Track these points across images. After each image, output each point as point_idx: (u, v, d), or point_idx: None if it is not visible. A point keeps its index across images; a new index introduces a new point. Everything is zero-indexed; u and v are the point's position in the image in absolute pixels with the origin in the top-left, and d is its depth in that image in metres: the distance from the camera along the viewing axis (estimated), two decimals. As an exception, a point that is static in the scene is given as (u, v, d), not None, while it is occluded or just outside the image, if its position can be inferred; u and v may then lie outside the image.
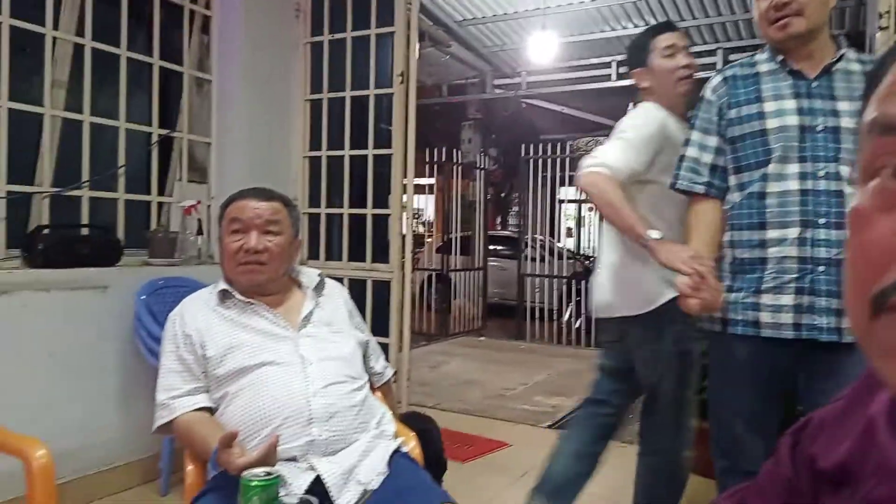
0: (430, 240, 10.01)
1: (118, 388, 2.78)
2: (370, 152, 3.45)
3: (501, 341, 7.28)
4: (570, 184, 8.29)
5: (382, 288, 3.39)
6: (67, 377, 2.57)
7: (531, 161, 7.71)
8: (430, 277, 8.63)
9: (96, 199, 2.91)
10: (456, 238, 8.20)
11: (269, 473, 1.17)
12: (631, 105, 2.25)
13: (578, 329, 7.15)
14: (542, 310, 7.39)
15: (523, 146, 7.89)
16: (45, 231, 2.60)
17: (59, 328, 2.56)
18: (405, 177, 3.31)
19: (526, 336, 7.38)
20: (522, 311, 7.53)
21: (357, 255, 3.51)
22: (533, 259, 7.91)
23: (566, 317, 7.42)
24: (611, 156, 1.91)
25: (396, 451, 1.64)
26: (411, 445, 1.72)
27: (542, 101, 8.98)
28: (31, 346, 2.46)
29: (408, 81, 3.27)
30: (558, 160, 7.55)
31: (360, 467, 1.54)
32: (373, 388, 1.78)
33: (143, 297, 2.77)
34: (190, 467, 1.56)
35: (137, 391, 2.83)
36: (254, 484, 1.14)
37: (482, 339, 7.46)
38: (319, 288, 1.78)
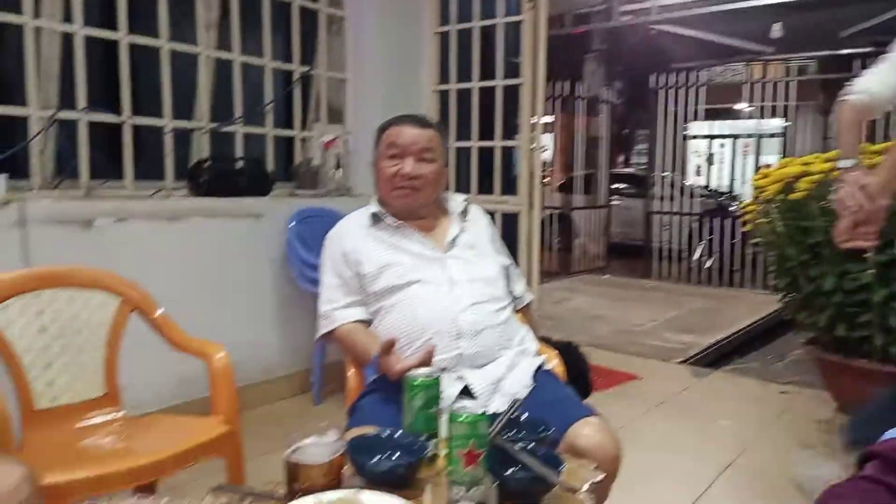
0: (546, 180, 9.87)
1: (274, 308, 3.04)
2: (499, 83, 3.43)
3: (626, 279, 7.14)
4: (703, 117, 7.80)
5: (511, 221, 3.42)
6: (230, 297, 2.84)
7: (660, 92, 7.31)
8: (550, 217, 8.56)
9: (247, 134, 3.12)
10: (578, 177, 8.02)
11: (430, 375, 1.25)
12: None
13: (710, 269, 6.85)
14: (669, 249, 7.13)
15: (652, 77, 7.48)
16: (207, 164, 2.83)
17: (222, 252, 2.81)
18: (534, 107, 3.26)
19: (652, 275, 7.18)
20: (649, 250, 7.31)
21: (485, 187, 3.54)
22: (661, 198, 7.60)
23: (696, 256, 7.12)
24: (872, 79, 1.80)
25: (540, 368, 1.69)
26: (554, 363, 1.77)
27: (674, 26, 8.41)
28: (199, 268, 2.73)
29: (537, 6, 3.19)
30: (689, 90, 7.10)
31: (507, 379, 1.61)
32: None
33: (293, 224, 2.97)
34: (351, 372, 1.69)
35: (290, 311, 3.08)
36: (417, 382, 1.22)
37: (605, 277, 7.35)
38: (464, 213, 1.83)
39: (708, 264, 6.90)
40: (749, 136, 9.18)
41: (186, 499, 1.02)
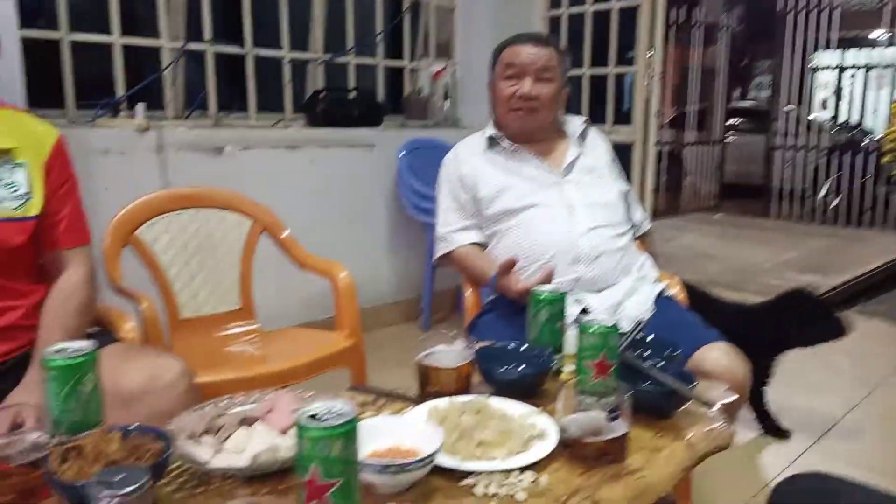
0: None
1: (385, 235, 3.12)
2: (615, 5, 3.25)
3: (741, 219, 6.76)
4: (835, 46, 7.10)
5: (623, 153, 3.29)
6: (344, 223, 2.94)
7: (788, 17, 6.69)
8: (659, 153, 8.16)
9: (358, 64, 3.15)
10: (690, 111, 7.57)
11: (555, 290, 1.24)
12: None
13: (836, 208, 6.36)
14: (791, 188, 6.66)
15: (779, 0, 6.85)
16: (322, 94, 2.89)
17: (336, 180, 2.90)
18: (653, 31, 3.07)
19: (770, 214, 6.76)
20: (768, 188, 6.86)
21: (597, 117, 3.41)
22: (784, 133, 7.06)
23: (822, 194, 6.61)
24: None
25: (661, 295, 1.65)
26: (675, 290, 1.72)
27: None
28: (316, 195, 2.84)
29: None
30: (821, 14, 6.45)
31: (627, 304, 1.58)
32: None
33: (403, 154, 3.01)
34: (468, 293, 1.72)
35: (400, 239, 3.16)
36: (543, 297, 1.22)
37: (718, 216, 7.00)
38: (583, 136, 1.78)
39: (834, 203, 6.41)
40: (887, 66, 8.29)
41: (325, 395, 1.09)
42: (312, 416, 0.69)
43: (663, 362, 1.14)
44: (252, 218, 1.96)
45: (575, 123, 1.79)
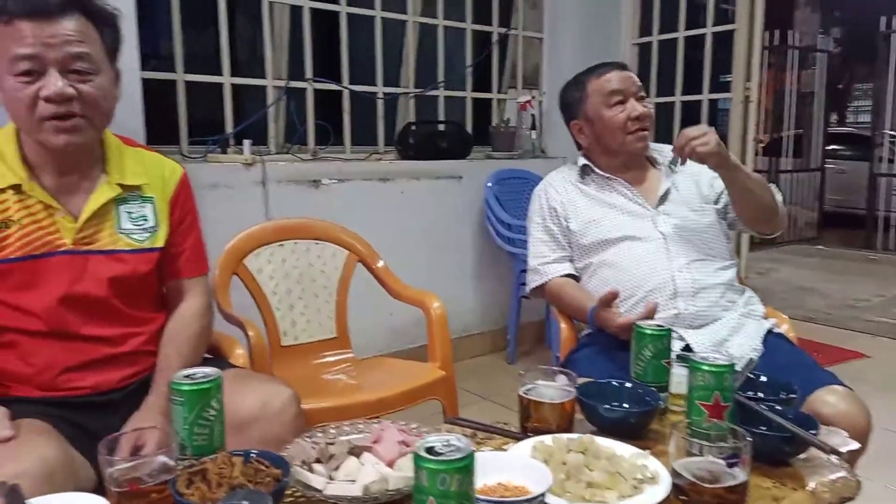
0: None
1: (472, 265, 3.14)
2: (709, 30, 3.18)
3: (843, 251, 6.37)
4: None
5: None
6: (433, 253, 2.98)
7: (892, 37, 6.33)
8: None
9: (448, 96, 3.22)
10: (785, 137, 7.25)
11: (660, 326, 1.21)
12: None
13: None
14: (899, 217, 6.24)
15: (882, 19, 6.50)
16: (413, 127, 2.97)
17: (426, 211, 2.96)
18: (750, 55, 2.99)
19: (877, 245, 6.33)
20: (873, 218, 6.44)
21: (689, 146, 3.33)
22: (890, 159, 6.63)
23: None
24: None
25: (770, 332, 1.57)
26: (785, 327, 1.63)
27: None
28: (406, 225, 2.89)
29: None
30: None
31: (731, 341, 1.52)
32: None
33: (490, 185, 3.04)
34: (563, 325, 1.70)
35: (486, 270, 3.17)
36: (648, 332, 1.19)
37: (817, 248, 6.62)
38: (674, 163, 1.74)
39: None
40: None
41: (427, 427, 1.09)
42: (429, 450, 0.70)
43: (779, 405, 1.09)
44: (348, 249, 2.02)
45: (664, 152, 1.75)
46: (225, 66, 2.54)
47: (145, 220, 1.23)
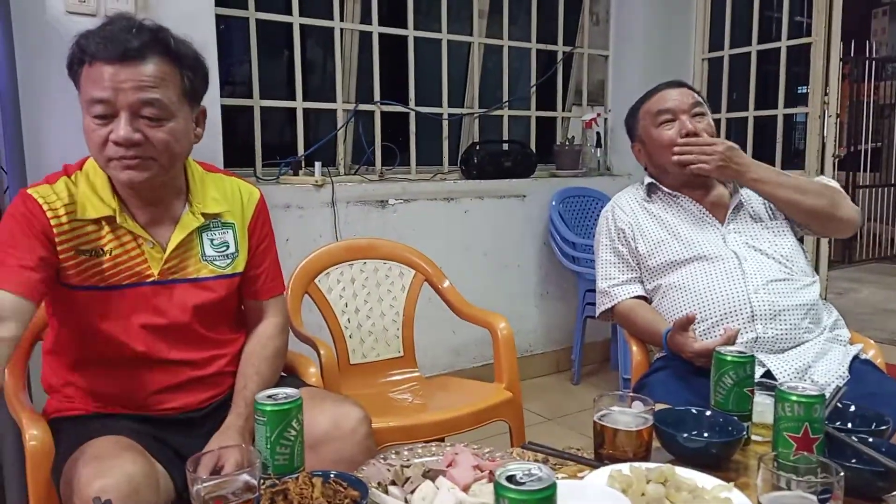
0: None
1: (536, 284, 3.12)
2: (783, 44, 3.08)
3: (931, 270, 6.00)
4: None
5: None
6: (497, 272, 2.98)
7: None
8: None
9: (512, 116, 3.23)
10: (864, 150, 6.91)
11: (742, 352, 1.17)
12: None
13: None
14: None
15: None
16: (477, 147, 2.99)
17: (490, 230, 2.96)
18: (828, 67, 2.87)
19: (969, 265, 5.94)
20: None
21: (762, 160, 3.22)
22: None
23: None
24: None
25: (856, 358, 1.50)
26: (872, 353, 1.55)
27: None
28: (471, 244, 2.90)
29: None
30: None
31: (816, 368, 1.45)
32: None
33: (554, 204, 3.01)
34: (634, 349, 1.66)
35: (550, 289, 3.14)
36: (729, 359, 1.15)
37: (901, 267, 6.26)
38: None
39: None
40: None
41: (499, 451, 1.08)
42: (510, 478, 0.69)
43: (871, 436, 1.03)
44: (415, 268, 2.04)
45: None
46: (298, 91, 2.63)
47: (227, 246, 1.27)
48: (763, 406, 1.18)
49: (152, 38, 1.09)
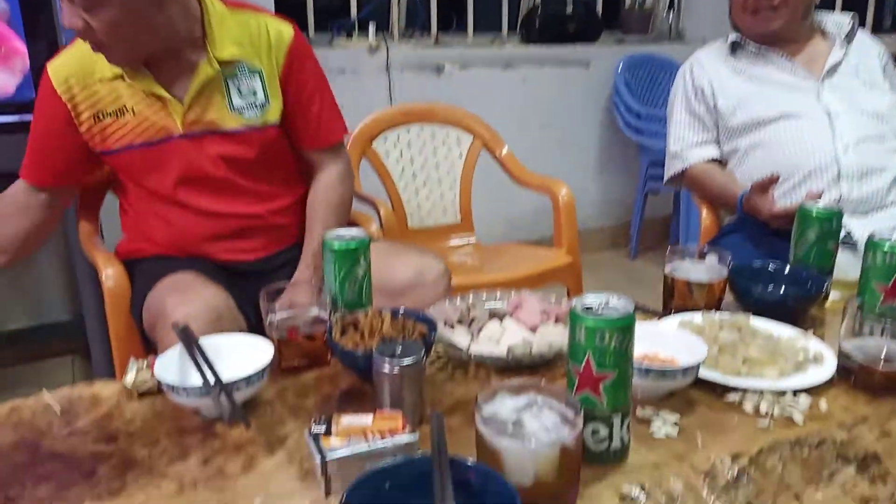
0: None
1: (595, 158, 3.02)
2: None
3: None
4: None
5: None
6: (555, 144, 2.88)
7: None
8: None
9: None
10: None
11: (829, 207, 1.10)
12: None
13: None
14: None
15: None
16: (538, 10, 2.80)
17: (549, 101, 2.83)
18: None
19: None
20: None
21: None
22: None
23: None
24: None
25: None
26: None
27: None
28: (528, 115, 2.79)
29: None
30: None
31: (901, 232, 1.37)
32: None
33: (620, 72, 2.84)
34: (704, 214, 1.60)
35: (612, 162, 3.03)
36: (815, 213, 1.08)
37: None
38: (850, 36, 1.53)
39: None
40: None
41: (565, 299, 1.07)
42: (587, 308, 0.67)
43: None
44: (473, 134, 1.98)
45: (840, 23, 1.55)
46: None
47: (254, 95, 1.17)
48: (846, 263, 1.12)
49: None
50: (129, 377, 0.80)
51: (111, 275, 1.17)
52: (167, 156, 1.15)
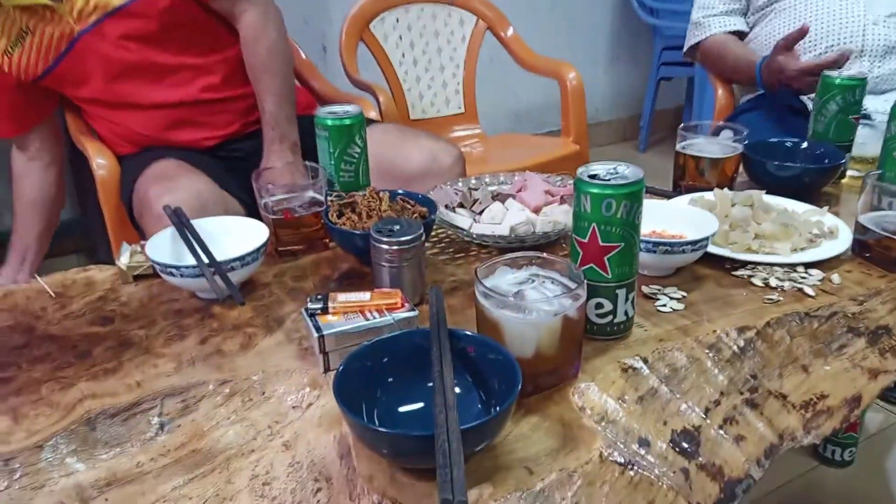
0: None
1: (606, 47, 2.87)
2: None
3: None
4: None
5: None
6: (564, 29, 2.73)
7: None
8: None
9: None
10: None
11: (854, 75, 1.03)
12: None
13: None
14: None
15: None
16: None
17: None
18: None
19: None
20: None
21: None
22: None
23: None
24: None
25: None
26: None
27: None
28: (536, -1, 2.64)
29: None
30: None
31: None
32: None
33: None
34: (719, 92, 1.52)
35: (623, 50, 2.89)
36: (837, 82, 1.02)
37: None
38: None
39: None
40: None
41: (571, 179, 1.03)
42: (593, 176, 0.63)
43: None
44: (476, 14, 1.86)
45: None
46: None
47: None
48: (865, 138, 1.07)
49: None
50: (124, 259, 0.79)
51: (102, 164, 1.13)
52: (82, 60, 1.08)
